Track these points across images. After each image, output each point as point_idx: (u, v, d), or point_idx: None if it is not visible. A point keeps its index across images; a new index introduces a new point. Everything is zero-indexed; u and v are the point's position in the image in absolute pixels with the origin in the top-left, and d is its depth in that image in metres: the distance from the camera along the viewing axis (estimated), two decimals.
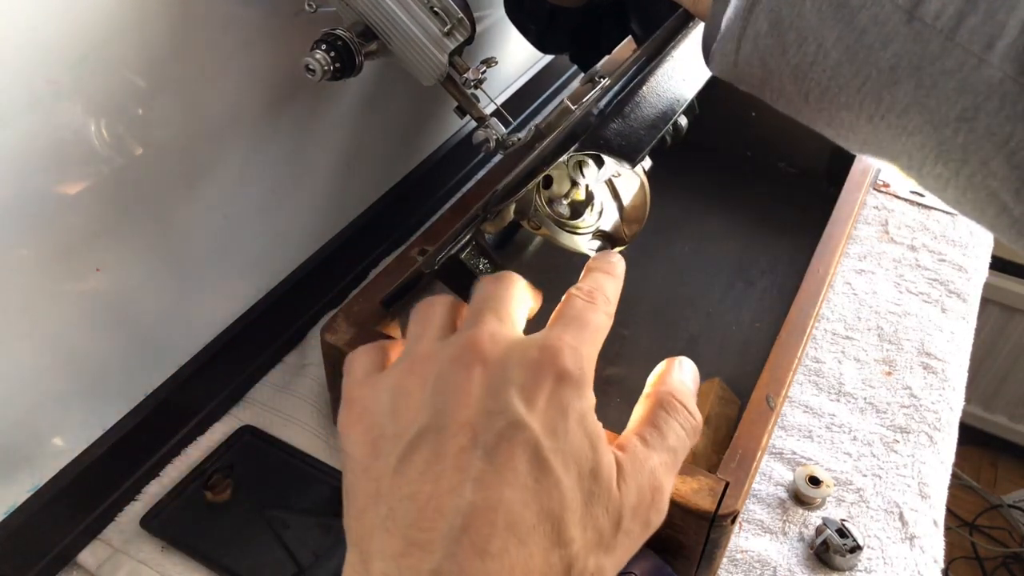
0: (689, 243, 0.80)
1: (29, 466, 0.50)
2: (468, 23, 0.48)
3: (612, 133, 0.42)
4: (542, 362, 0.30)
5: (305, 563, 0.52)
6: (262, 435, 0.60)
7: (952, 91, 0.32)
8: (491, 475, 0.28)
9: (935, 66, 0.32)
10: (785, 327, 0.59)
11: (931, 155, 0.34)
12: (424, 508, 0.28)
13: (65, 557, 0.53)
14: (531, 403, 0.29)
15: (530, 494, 0.28)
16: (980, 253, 0.80)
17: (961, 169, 0.34)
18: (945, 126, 0.33)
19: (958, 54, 0.32)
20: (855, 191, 0.74)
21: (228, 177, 0.56)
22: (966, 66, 0.32)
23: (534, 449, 0.28)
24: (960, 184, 0.34)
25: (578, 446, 0.30)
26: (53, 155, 0.43)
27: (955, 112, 0.32)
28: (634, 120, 0.44)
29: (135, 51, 0.45)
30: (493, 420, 0.29)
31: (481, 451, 0.28)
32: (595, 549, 0.29)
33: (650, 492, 0.31)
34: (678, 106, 0.47)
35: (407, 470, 0.29)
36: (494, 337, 0.31)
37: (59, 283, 0.47)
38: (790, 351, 0.57)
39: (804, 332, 0.59)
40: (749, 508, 0.58)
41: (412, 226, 0.79)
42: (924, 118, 0.33)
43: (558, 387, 0.30)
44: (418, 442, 0.29)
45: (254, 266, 0.63)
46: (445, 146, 0.81)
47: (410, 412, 0.30)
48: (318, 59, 0.48)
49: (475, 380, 0.30)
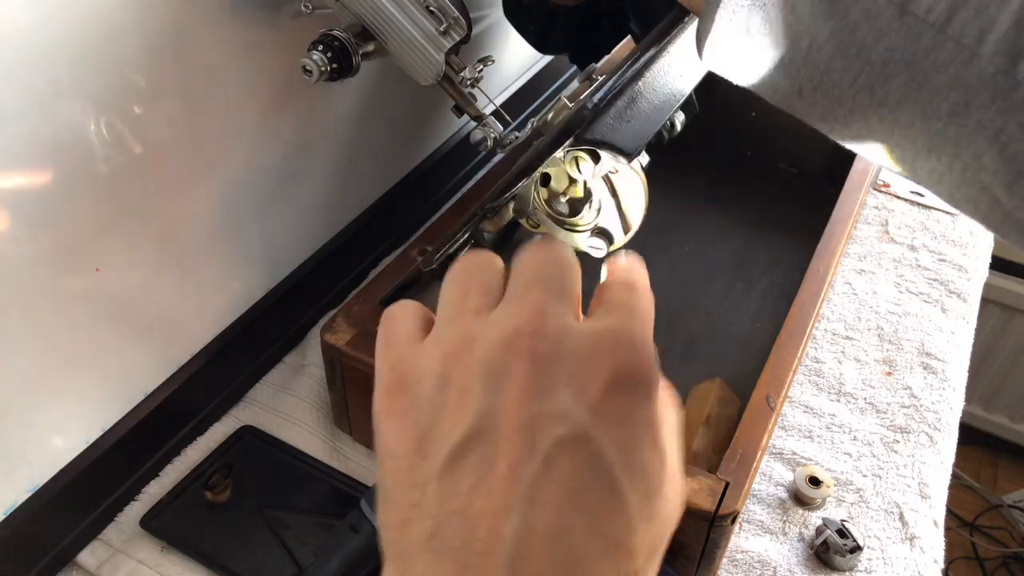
0: (689, 243, 0.80)
1: (29, 466, 0.50)
2: (464, 22, 0.48)
3: (608, 128, 0.42)
4: (611, 357, 0.26)
5: (305, 563, 0.52)
6: (262, 435, 0.60)
7: (944, 85, 0.32)
8: (552, 494, 0.24)
9: (927, 60, 0.32)
10: (785, 327, 0.59)
11: (924, 149, 0.34)
12: (476, 528, 0.24)
13: (65, 557, 0.53)
14: (597, 407, 0.25)
15: (596, 519, 0.24)
16: (980, 253, 0.80)
17: (954, 163, 0.34)
18: (937, 119, 0.33)
19: (950, 48, 0.32)
20: (855, 191, 0.74)
21: (228, 177, 0.56)
22: (957, 60, 0.32)
23: (601, 464, 0.25)
24: (954, 179, 0.34)
25: (648, 463, 0.26)
26: (53, 155, 0.43)
27: (947, 106, 0.32)
28: (630, 115, 0.44)
29: (135, 50, 0.45)
30: (551, 426, 0.25)
31: (539, 463, 0.24)
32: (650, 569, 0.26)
33: None
34: (675, 101, 0.47)
35: (454, 479, 0.25)
36: (549, 319, 0.26)
37: (59, 283, 0.47)
38: (790, 351, 0.57)
39: (804, 332, 0.59)
40: (749, 508, 0.58)
41: (412, 226, 0.79)
42: (916, 112, 0.33)
43: (628, 388, 0.26)
44: (467, 446, 0.25)
45: (254, 266, 0.63)
46: (445, 146, 0.81)
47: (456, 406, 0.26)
48: (315, 60, 0.48)
49: (529, 373, 0.25)
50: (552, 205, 0.49)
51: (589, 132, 0.42)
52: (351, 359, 0.54)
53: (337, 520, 0.47)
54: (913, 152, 0.35)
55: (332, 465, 0.59)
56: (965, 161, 0.33)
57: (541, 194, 0.49)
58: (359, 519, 0.45)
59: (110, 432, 0.54)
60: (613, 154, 0.42)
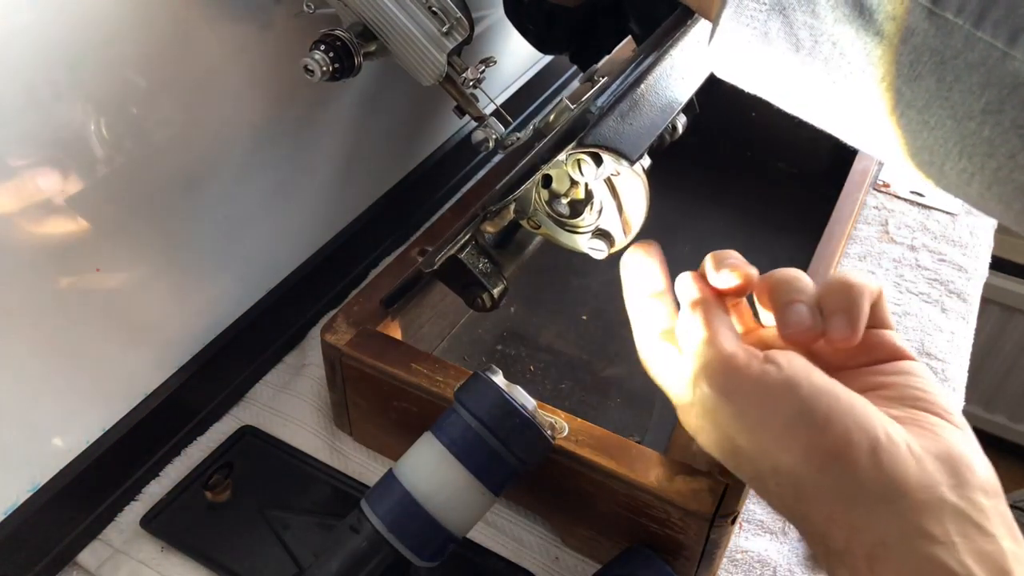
0: (689, 243, 0.80)
1: (29, 466, 0.50)
2: (467, 23, 0.48)
3: (610, 131, 0.42)
4: None
5: (305, 563, 0.52)
6: (262, 435, 0.60)
7: (976, 84, 0.32)
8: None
9: (958, 60, 0.32)
10: None
11: (954, 150, 0.34)
12: None
13: (65, 557, 0.53)
14: None
15: None
16: (980, 253, 0.80)
17: (986, 163, 0.33)
18: (969, 120, 0.33)
19: (982, 47, 0.32)
20: (855, 191, 0.74)
21: (228, 177, 0.56)
22: (990, 59, 0.32)
23: None
24: (985, 179, 0.34)
25: None
26: (53, 155, 0.43)
27: (980, 106, 0.32)
28: (632, 118, 0.44)
29: (135, 51, 0.45)
30: None
31: None
32: None
33: None
34: (677, 104, 0.47)
35: None
36: None
37: (59, 283, 0.47)
38: None
39: None
40: (749, 508, 0.58)
41: (412, 226, 0.79)
42: (947, 112, 0.33)
43: None
44: None
45: (254, 266, 0.63)
46: (445, 146, 0.81)
47: None
48: (317, 60, 0.48)
49: None
50: (553, 206, 0.49)
51: (591, 136, 0.42)
52: (351, 359, 0.54)
53: (337, 520, 0.47)
54: (943, 153, 0.35)
55: (332, 465, 0.59)
56: (999, 160, 0.33)
57: (542, 195, 0.49)
58: (359, 519, 0.45)
59: (110, 432, 0.54)
60: (615, 157, 0.42)
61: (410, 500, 0.44)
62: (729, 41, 0.38)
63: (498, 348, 0.68)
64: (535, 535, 0.55)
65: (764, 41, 0.37)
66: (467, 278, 0.50)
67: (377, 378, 0.54)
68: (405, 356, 0.53)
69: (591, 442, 0.48)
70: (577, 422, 0.49)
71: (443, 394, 0.51)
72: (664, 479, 0.47)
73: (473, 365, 0.67)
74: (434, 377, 0.52)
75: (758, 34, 0.37)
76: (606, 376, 0.66)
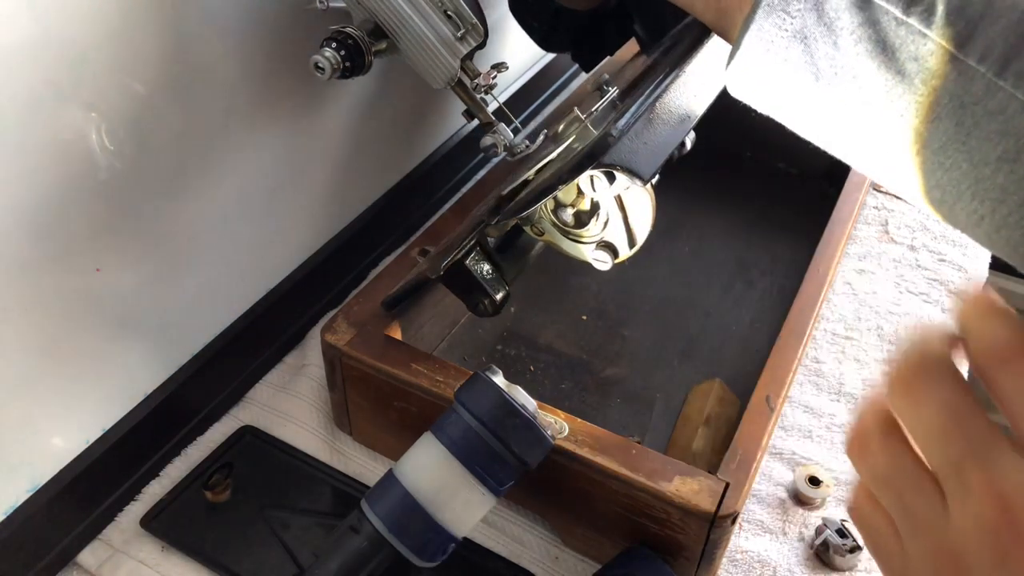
0: (689, 243, 0.80)
1: (29, 466, 0.50)
2: (481, 28, 0.47)
3: (627, 151, 0.42)
4: None
5: (305, 563, 0.52)
6: (262, 435, 0.60)
7: (995, 132, 0.32)
8: None
9: (978, 106, 0.32)
10: (785, 327, 0.59)
11: (967, 192, 0.34)
12: None
13: (65, 557, 0.53)
14: None
15: None
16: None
17: (998, 208, 0.33)
18: (985, 165, 0.33)
19: (1002, 96, 0.32)
20: (855, 191, 0.75)
21: (228, 177, 0.56)
22: (1010, 108, 0.32)
23: None
24: (995, 222, 0.34)
25: None
26: (53, 155, 0.43)
27: (996, 153, 0.32)
28: (648, 138, 0.43)
29: (135, 51, 0.45)
30: None
31: None
32: None
33: None
34: (689, 122, 0.47)
35: None
36: None
37: (59, 283, 0.47)
38: (790, 351, 0.57)
39: (804, 332, 0.59)
40: (749, 508, 0.58)
41: (412, 226, 0.79)
42: (963, 156, 0.33)
43: None
44: None
45: (254, 266, 0.63)
46: (445, 146, 0.81)
47: None
48: (328, 57, 0.48)
49: None
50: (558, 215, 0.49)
51: (608, 155, 0.42)
52: (351, 359, 0.54)
53: (337, 520, 0.47)
54: (955, 194, 0.35)
55: (332, 465, 0.59)
56: (1009, 207, 0.33)
57: (548, 204, 0.49)
58: (359, 520, 0.45)
59: (110, 432, 0.54)
60: (629, 176, 0.42)
61: (410, 500, 0.44)
62: (749, 64, 0.38)
63: (498, 348, 0.68)
64: (535, 535, 0.55)
65: (784, 67, 0.37)
66: (470, 284, 0.50)
67: (377, 378, 0.54)
68: (405, 356, 0.53)
69: (591, 442, 0.48)
70: (577, 422, 0.50)
71: (443, 394, 0.51)
72: (664, 479, 0.47)
73: (473, 365, 0.66)
74: (434, 377, 0.52)
75: (778, 60, 0.37)
76: (606, 376, 0.66)
